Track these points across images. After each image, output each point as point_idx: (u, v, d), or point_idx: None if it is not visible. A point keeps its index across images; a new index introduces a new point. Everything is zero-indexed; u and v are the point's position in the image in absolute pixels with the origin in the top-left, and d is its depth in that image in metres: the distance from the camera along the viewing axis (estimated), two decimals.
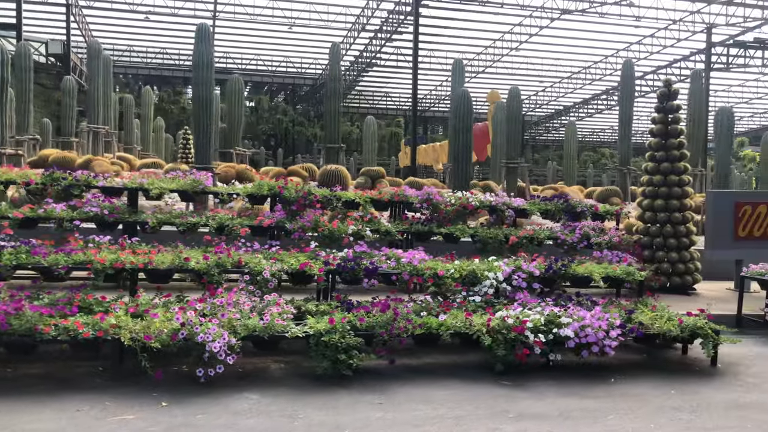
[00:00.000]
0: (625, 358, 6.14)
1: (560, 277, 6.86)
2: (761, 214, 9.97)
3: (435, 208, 8.90)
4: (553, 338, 5.41)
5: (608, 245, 9.11)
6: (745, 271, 8.34)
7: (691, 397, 5.02)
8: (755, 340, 7.31)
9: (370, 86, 49.66)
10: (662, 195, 9.62)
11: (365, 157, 16.84)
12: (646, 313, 6.03)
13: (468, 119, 10.56)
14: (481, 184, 13.63)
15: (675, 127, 9.68)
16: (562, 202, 9.60)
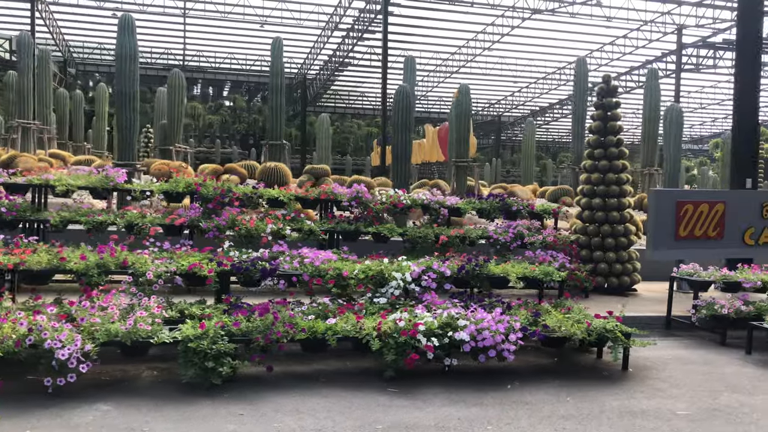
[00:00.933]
0: (534, 362, 5.89)
1: (474, 277, 6.59)
2: (703, 213, 9.75)
3: (364, 207, 8.61)
4: (449, 342, 5.13)
5: (543, 245, 8.88)
6: (675, 271, 8.14)
7: (586, 405, 4.76)
8: (679, 343, 7.10)
9: (346, 86, 49.31)
10: (600, 194, 9.41)
11: (319, 155, 16.51)
12: (554, 315, 5.77)
13: (408, 116, 10.29)
14: (430, 183, 13.37)
15: (613, 124, 9.48)
16: (497, 201, 9.35)
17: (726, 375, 5.82)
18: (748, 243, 9.29)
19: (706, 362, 6.27)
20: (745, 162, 10.64)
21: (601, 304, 8.44)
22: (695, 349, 6.81)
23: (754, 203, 9.38)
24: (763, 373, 5.93)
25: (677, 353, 6.60)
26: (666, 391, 5.22)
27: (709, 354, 6.61)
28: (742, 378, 5.74)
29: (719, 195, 11.06)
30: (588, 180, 9.56)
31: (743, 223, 9.26)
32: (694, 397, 5.08)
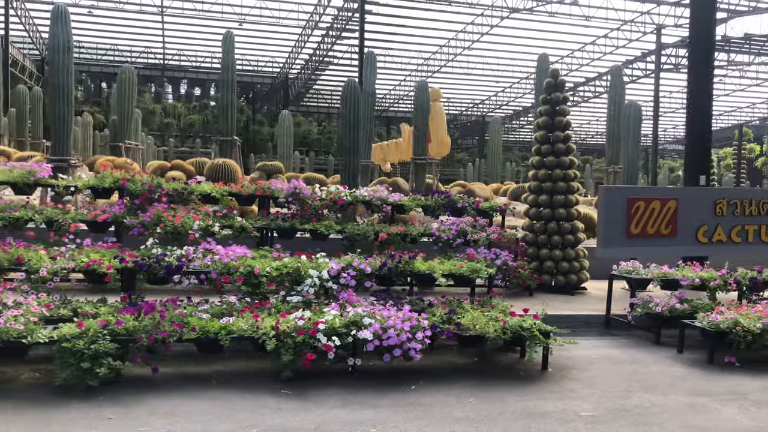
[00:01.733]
0: (451, 362, 5.69)
1: (398, 274, 6.38)
2: (655, 211, 9.57)
3: (302, 203, 8.38)
4: (353, 341, 4.92)
5: (487, 242, 8.70)
6: (615, 269, 7.98)
7: (487, 406, 4.56)
8: (613, 342, 6.92)
9: (329, 85, 49.02)
10: (546, 190, 9.23)
11: (281, 153, 16.26)
12: (470, 313, 5.57)
13: (356, 111, 10.08)
14: (389, 181, 13.17)
15: (561, 120, 9.30)
16: (442, 198, 9.15)
17: (650, 374, 5.65)
18: (701, 241, 9.12)
19: (634, 361, 6.10)
20: (698, 159, 10.51)
21: (543, 303, 8.28)
22: (627, 349, 6.63)
23: (707, 200, 9.21)
24: (688, 373, 5.76)
25: (608, 352, 6.42)
26: (578, 391, 5.03)
27: (639, 353, 6.44)
28: (664, 377, 5.56)
29: (671, 192, 10.91)
30: (535, 176, 9.39)
31: (696, 221, 9.09)
32: (605, 398, 4.89)
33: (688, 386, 5.34)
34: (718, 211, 9.25)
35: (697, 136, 10.46)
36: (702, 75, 10.32)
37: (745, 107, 47.82)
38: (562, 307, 8.04)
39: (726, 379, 5.63)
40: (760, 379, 5.63)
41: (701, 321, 6.38)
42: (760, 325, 6.13)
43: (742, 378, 5.67)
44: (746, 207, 9.45)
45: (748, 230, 9.51)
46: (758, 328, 6.12)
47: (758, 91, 42.26)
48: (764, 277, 7.76)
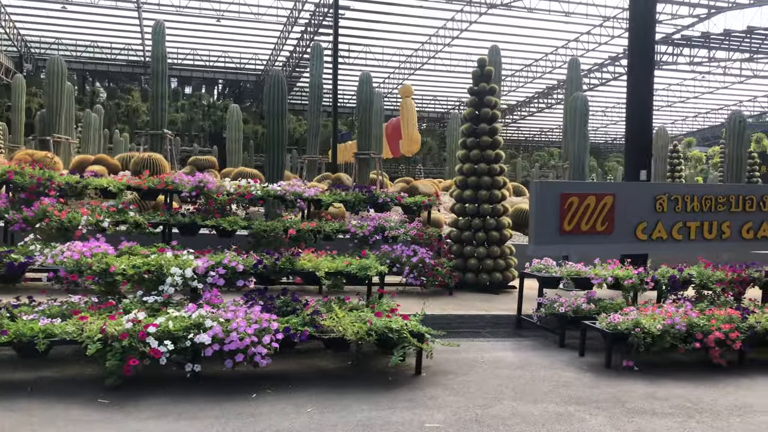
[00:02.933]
0: (316, 366, 5.29)
1: (276, 272, 5.97)
2: (590, 207, 9.13)
3: (206, 198, 7.98)
4: (191, 345, 4.52)
5: (408, 239, 8.31)
6: (527, 267, 7.58)
7: (323, 417, 4.16)
8: (515, 344, 6.52)
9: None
10: (471, 185, 8.84)
11: (230, 148, 15.87)
12: (337, 314, 5.17)
13: (281, 105, 9.67)
14: (332, 177, 12.75)
15: (487, 111, 8.90)
16: (363, 193, 8.74)
17: (533, 380, 5.24)
18: (640, 238, 8.70)
19: (525, 365, 5.70)
20: (639, 153, 10.10)
21: (461, 302, 7.90)
22: (525, 351, 6.23)
23: (646, 196, 8.79)
24: (577, 378, 5.36)
25: (502, 355, 6.02)
26: (440, 399, 4.63)
27: (536, 356, 6.04)
28: (547, 383, 5.16)
29: (608, 187, 10.49)
30: (461, 170, 8.99)
31: (635, 217, 8.67)
32: (465, 407, 4.49)
33: (569, 393, 4.95)
34: (658, 208, 8.85)
35: (637, 129, 10.04)
36: (641, 64, 9.90)
37: (732, 105, 47.39)
38: (477, 306, 7.65)
39: (615, 385, 5.24)
40: (651, 385, 5.24)
41: (601, 322, 5.98)
42: (660, 327, 5.74)
43: (633, 383, 5.28)
44: (688, 203, 9.04)
45: (690, 227, 9.10)
46: (658, 329, 5.73)
47: (744, 89, 41.88)
48: (685, 275, 7.37)
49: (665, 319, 5.88)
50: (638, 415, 4.53)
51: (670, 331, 5.78)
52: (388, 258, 8.01)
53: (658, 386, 5.23)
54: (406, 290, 8.26)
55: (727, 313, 6.19)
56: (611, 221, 8.79)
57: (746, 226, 9.32)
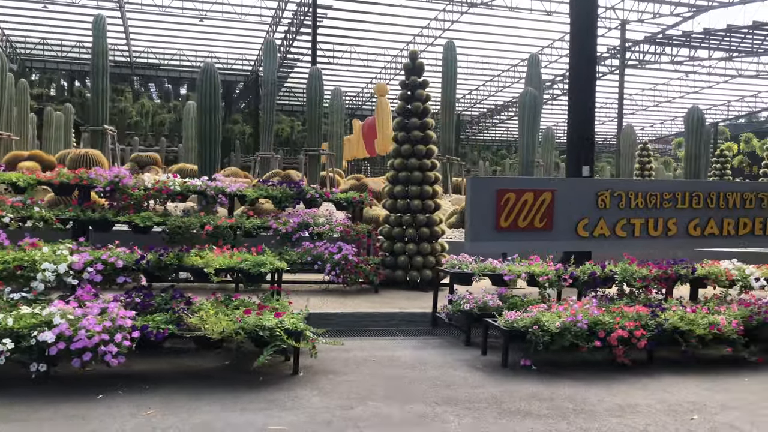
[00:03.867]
0: (188, 365, 5.06)
1: (161, 269, 5.74)
2: (527, 203, 8.89)
3: (122, 193, 7.75)
4: (36, 344, 4.29)
5: (332, 235, 8.10)
6: (443, 263, 7.36)
7: (159, 420, 3.93)
8: (417, 342, 6.28)
9: (300, 82, 48.30)
10: (402, 181, 8.62)
11: (186, 146, 15.59)
12: (209, 311, 4.94)
13: (215, 99, 9.46)
14: (282, 174, 12.54)
15: (418, 105, 8.68)
16: (291, 188, 8.52)
17: (417, 380, 5.01)
18: (581, 235, 8.48)
19: (418, 364, 5.46)
20: (581, 148, 9.89)
21: (383, 300, 7.69)
22: (427, 350, 6.00)
23: (588, 192, 8.57)
24: (464, 378, 5.12)
25: (399, 354, 5.79)
26: (303, 400, 4.40)
27: (435, 355, 5.81)
28: (429, 384, 4.93)
29: (547, 183, 10.25)
30: (392, 165, 8.77)
31: (576, 214, 8.45)
32: (325, 408, 4.26)
33: (447, 394, 4.72)
34: (600, 204, 8.63)
35: (579, 124, 9.83)
36: (581, 56, 9.68)
37: (720, 105, 47.22)
38: (396, 304, 7.42)
39: (501, 384, 5.01)
40: (540, 385, 5.01)
41: (500, 320, 5.76)
42: (559, 324, 5.51)
43: (522, 383, 5.05)
44: (632, 200, 8.82)
45: (635, 224, 8.87)
46: (557, 327, 5.50)
47: (731, 89, 41.69)
48: (606, 272, 7.14)
49: (569, 316, 5.66)
50: (509, 416, 4.31)
51: (572, 329, 5.56)
52: (310, 255, 7.81)
53: (547, 386, 5.01)
54: (330, 289, 8.04)
55: (636, 310, 5.96)
56: (550, 218, 8.57)
57: (693, 222, 9.10)
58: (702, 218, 9.07)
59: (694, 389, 5.14)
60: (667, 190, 8.98)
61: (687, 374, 5.55)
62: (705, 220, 9.10)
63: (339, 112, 13.64)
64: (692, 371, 5.64)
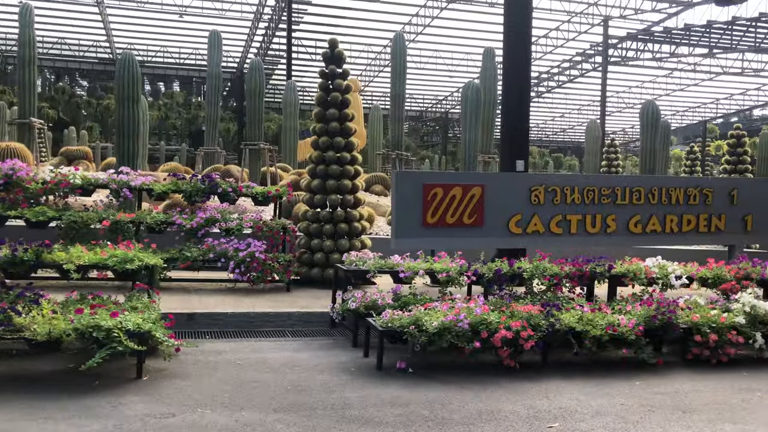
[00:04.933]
0: (26, 369, 4.72)
1: (17, 264, 5.42)
2: (456, 198, 8.56)
3: (16, 186, 7.41)
4: None
5: (241, 231, 7.77)
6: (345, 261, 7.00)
7: None
8: (300, 344, 5.94)
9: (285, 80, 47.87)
10: (320, 174, 8.27)
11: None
12: (43, 311, 4.60)
13: (134, 89, 9.11)
14: (222, 169, 12.21)
15: (336, 96, 8.33)
16: (203, 182, 8.17)
17: (272, 384, 4.67)
18: (514, 232, 8.20)
19: (285, 368, 5.11)
20: (516, 142, 9.56)
21: (289, 299, 7.36)
22: (308, 351, 5.65)
23: (521, 187, 8.27)
24: (326, 382, 4.78)
25: (274, 356, 5.44)
26: (128, 406, 4.06)
27: (312, 357, 5.46)
28: (282, 389, 4.59)
29: (476, 178, 9.97)
30: (310, 158, 8.43)
31: (508, 210, 8.15)
32: (147, 415, 3.92)
33: (295, 399, 4.38)
34: (534, 199, 8.33)
35: (512, 115, 9.50)
36: (514, 46, 9.33)
37: (709, 103, 46.88)
38: (299, 304, 7.07)
39: (362, 389, 4.67)
40: (405, 390, 4.68)
41: (377, 319, 5.41)
42: (436, 324, 5.17)
43: (386, 388, 4.71)
44: (568, 195, 8.51)
45: (571, 220, 8.58)
46: (435, 327, 5.16)
47: (719, 87, 41.34)
48: (514, 269, 6.79)
49: (451, 315, 5.32)
50: (347, 424, 3.97)
51: (453, 329, 5.22)
52: (213, 252, 7.47)
53: (412, 391, 4.67)
54: (236, 288, 7.69)
55: (528, 310, 5.62)
56: (480, 214, 8.25)
57: (634, 219, 8.79)
58: (643, 215, 8.76)
59: (575, 394, 4.81)
60: (606, 186, 8.65)
61: (576, 378, 5.22)
62: (647, 216, 8.79)
63: (293, 106, 13.33)
64: (583, 374, 5.31)
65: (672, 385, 5.13)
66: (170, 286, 7.47)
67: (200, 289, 7.55)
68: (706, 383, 5.22)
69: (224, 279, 7.66)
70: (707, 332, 5.77)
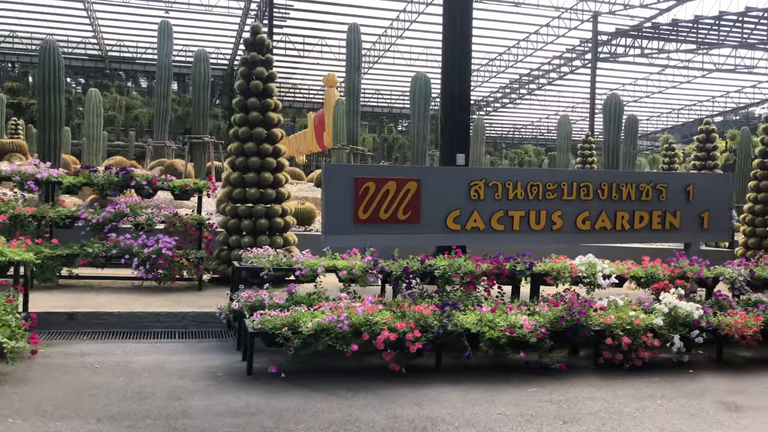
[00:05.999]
0: None
1: None
2: (390, 193, 8.12)
3: None
4: None
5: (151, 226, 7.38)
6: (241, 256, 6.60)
7: None
8: (181, 346, 5.55)
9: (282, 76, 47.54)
10: (239, 167, 7.88)
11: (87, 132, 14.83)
12: None
13: (56, 77, 8.74)
14: (167, 163, 11.83)
15: (257, 84, 7.93)
16: (116, 175, 7.78)
17: (121, 390, 4.28)
18: (452, 228, 7.73)
19: (143, 373, 4.71)
20: (456, 135, 9.12)
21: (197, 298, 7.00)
22: (184, 354, 5.27)
23: (459, 182, 7.81)
24: (175, 389, 4.38)
25: (146, 359, 5.04)
26: None
27: (186, 361, 5.06)
28: (121, 396, 4.20)
29: (412, 172, 9.45)
30: (231, 150, 8.03)
31: (446, 206, 7.70)
32: None
33: (129, 409, 3.99)
34: (473, 195, 7.88)
35: (453, 108, 9.07)
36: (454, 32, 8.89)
37: (705, 101, 46.22)
38: (200, 303, 6.71)
39: (217, 396, 4.28)
40: (261, 398, 4.28)
41: (248, 320, 5.01)
42: (311, 325, 4.77)
43: (242, 396, 4.32)
44: (510, 190, 8.05)
45: (514, 216, 8.12)
46: (310, 329, 4.76)
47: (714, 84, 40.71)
48: (425, 267, 6.38)
49: (330, 315, 4.92)
50: None
51: (332, 331, 4.82)
52: (117, 247, 7.08)
53: (270, 399, 4.27)
54: (143, 286, 7.31)
55: (418, 309, 5.21)
56: (416, 210, 7.80)
57: (582, 216, 8.32)
58: (592, 211, 8.30)
59: (454, 402, 4.41)
60: (552, 180, 8.20)
61: (466, 383, 4.81)
62: (596, 213, 8.32)
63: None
64: (475, 380, 4.91)
65: (568, 393, 4.72)
66: (75, 283, 7.12)
67: (106, 287, 7.17)
68: (607, 390, 4.81)
69: (134, 277, 7.28)
70: (620, 335, 5.36)
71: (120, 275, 7.39)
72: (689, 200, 8.66)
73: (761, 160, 10.25)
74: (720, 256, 10.30)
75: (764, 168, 10.20)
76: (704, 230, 8.78)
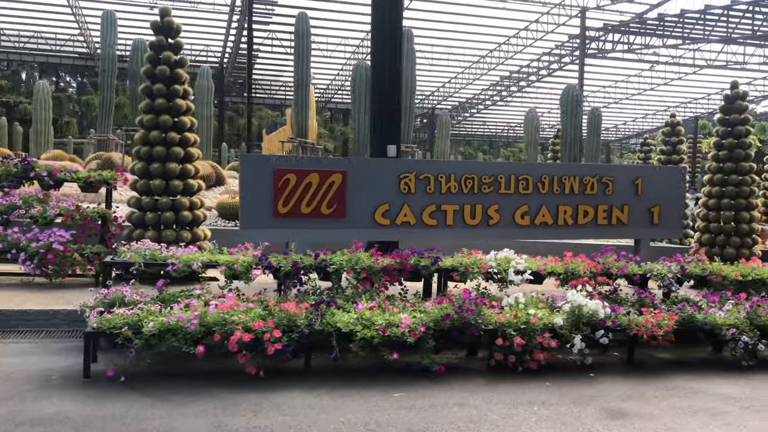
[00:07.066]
0: None
1: None
2: (312, 186, 7.66)
3: None
4: None
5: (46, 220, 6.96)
6: None
7: None
8: (38, 347, 5.13)
9: (266, 76, 47.25)
10: (143, 157, 7.44)
11: (36, 128, 14.45)
12: None
13: None
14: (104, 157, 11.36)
15: (164, 69, 7.49)
16: (15, 165, 7.36)
17: None
18: (381, 223, 7.33)
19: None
20: (386, 125, 8.66)
21: (82, 296, 6.50)
22: (34, 356, 4.85)
23: (389, 175, 7.38)
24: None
25: None
26: None
27: (33, 363, 4.64)
28: None
29: (336, 164, 9.02)
30: (134, 140, 7.60)
31: (374, 199, 7.27)
32: None
33: None
34: (403, 188, 7.48)
35: (384, 98, 8.60)
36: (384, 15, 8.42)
37: (700, 98, 45.60)
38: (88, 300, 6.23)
39: (32, 402, 3.85)
40: (88, 406, 3.84)
41: (90, 321, 4.56)
42: (153, 325, 4.33)
43: (56, 402, 3.90)
44: (443, 183, 7.61)
45: (447, 211, 7.68)
46: (152, 329, 4.32)
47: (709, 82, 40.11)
48: (318, 262, 5.93)
49: (180, 314, 4.48)
50: None
51: (179, 331, 4.39)
52: (3, 241, 6.67)
53: (89, 406, 3.85)
54: (34, 282, 6.88)
55: (285, 306, 4.77)
56: (341, 203, 7.39)
57: (520, 210, 7.87)
58: (532, 205, 7.84)
59: (299, 408, 3.99)
60: (488, 173, 7.75)
61: (326, 388, 4.38)
62: (536, 207, 7.86)
63: (206, 92, 12.50)
64: (339, 384, 4.47)
65: (437, 398, 4.27)
66: None
67: None
68: (483, 396, 4.36)
69: (22, 273, 6.85)
70: (512, 335, 4.90)
71: (8, 271, 6.97)
72: (638, 194, 8.21)
73: (715, 153, 9.77)
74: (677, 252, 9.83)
75: (718, 161, 9.72)
76: (654, 226, 8.32)
